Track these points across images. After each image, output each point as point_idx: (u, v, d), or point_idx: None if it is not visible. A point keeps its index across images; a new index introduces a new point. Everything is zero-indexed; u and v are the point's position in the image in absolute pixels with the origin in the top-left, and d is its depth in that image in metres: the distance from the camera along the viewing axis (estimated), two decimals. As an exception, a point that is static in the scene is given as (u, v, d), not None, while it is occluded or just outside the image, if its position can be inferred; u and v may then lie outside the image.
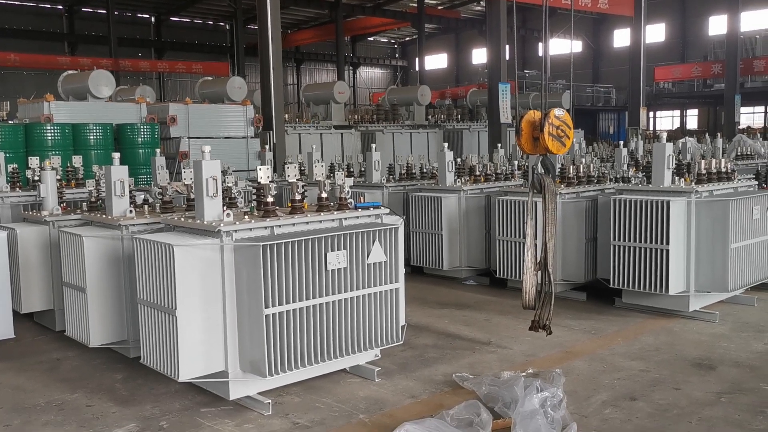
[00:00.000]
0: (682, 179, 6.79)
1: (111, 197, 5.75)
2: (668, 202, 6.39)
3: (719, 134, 14.17)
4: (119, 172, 5.74)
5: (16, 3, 34.18)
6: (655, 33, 38.67)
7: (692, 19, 39.45)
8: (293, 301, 4.63)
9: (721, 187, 6.86)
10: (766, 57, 31.36)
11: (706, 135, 16.33)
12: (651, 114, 37.67)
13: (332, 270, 4.82)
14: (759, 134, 20.20)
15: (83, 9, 35.89)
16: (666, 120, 42.65)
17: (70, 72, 14.41)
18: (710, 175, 6.86)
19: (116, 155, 5.86)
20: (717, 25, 36.59)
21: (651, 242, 6.52)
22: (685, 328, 6.48)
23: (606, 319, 6.87)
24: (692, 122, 41.95)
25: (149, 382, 5.28)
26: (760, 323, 6.55)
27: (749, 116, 37.55)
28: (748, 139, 15.02)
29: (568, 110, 5.50)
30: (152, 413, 4.76)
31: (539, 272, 5.50)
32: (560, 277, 7.54)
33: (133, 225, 5.57)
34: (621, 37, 40.25)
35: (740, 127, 26.30)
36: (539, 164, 5.53)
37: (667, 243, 6.42)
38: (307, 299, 4.70)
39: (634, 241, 6.64)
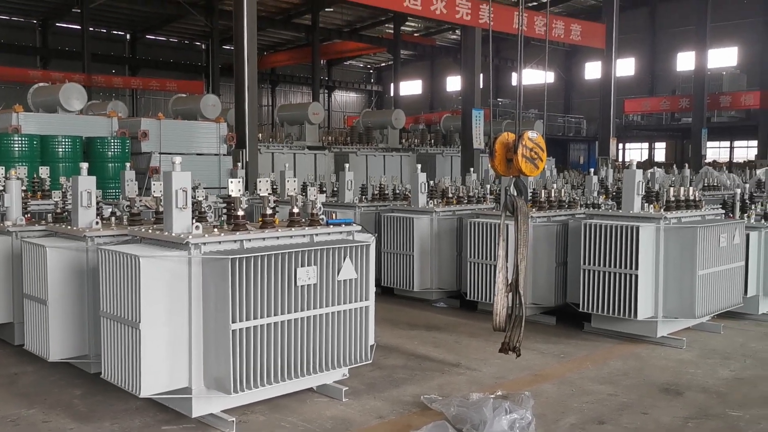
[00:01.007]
0: (652, 206, 6.86)
1: (77, 208, 5.62)
2: (638, 228, 6.45)
3: (687, 165, 14.44)
4: (86, 183, 5.62)
5: (-12, 16, 33.83)
6: (626, 67, 39.52)
7: (661, 55, 40.43)
8: (261, 317, 4.54)
9: (689, 215, 6.95)
10: (732, 93, 32.19)
11: (674, 166, 16.63)
12: (620, 145, 38.31)
13: (302, 286, 4.75)
14: (725, 168, 20.62)
15: (57, 24, 35.58)
16: (635, 152, 43.43)
17: (41, 84, 14.23)
18: (679, 203, 6.95)
19: (84, 165, 5.75)
20: (685, 61, 37.53)
21: (620, 267, 6.56)
22: (653, 353, 6.50)
23: (575, 343, 6.88)
24: (660, 155, 42.79)
25: (109, 399, 5.12)
26: (726, 350, 6.61)
27: (715, 150, 38.42)
28: (714, 171, 15.34)
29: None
30: (111, 430, 4.61)
31: (510, 294, 5.51)
32: (530, 301, 7.55)
33: (99, 237, 5.45)
34: (592, 70, 41.05)
35: (707, 160, 26.86)
36: (512, 186, 5.56)
37: (636, 268, 6.47)
38: (275, 315, 4.62)
39: (604, 265, 6.68)
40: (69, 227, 5.69)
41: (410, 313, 8.21)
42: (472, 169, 11.87)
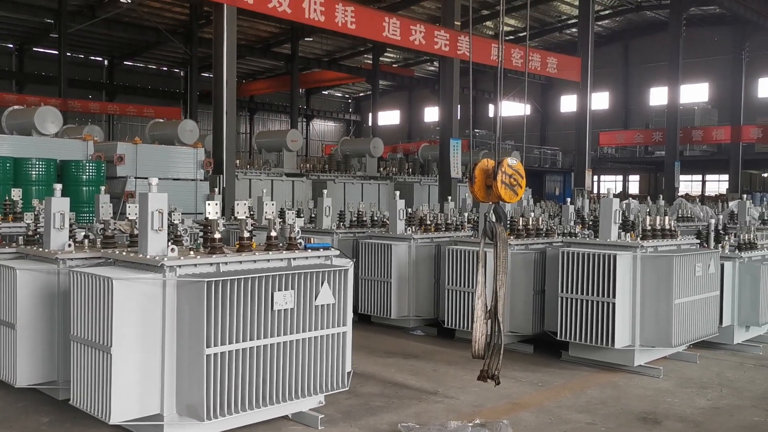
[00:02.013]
0: (628, 235, 6.91)
1: (49, 230, 5.50)
2: (615, 256, 6.48)
3: (661, 196, 14.63)
4: (59, 204, 5.51)
5: (-37, 39, 33.55)
6: (600, 101, 40.27)
7: (634, 89, 41.29)
8: (237, 341, 4.46)
9: (665, 244, 7.00)
10: (704, 127, 32.87)
11: (648, 198, 16.86)
12: (595, 177, 38.83)
13: (279, 310, 4.68)
14: (698, 200, 20.94)
15: (35, 49, 35.37)
16: (609, 184, 44.00)
17: (16, 107, 14.07)
18: (655, 232, 7.00)
19: (58, 186, 5.65)
20: (657, 96, 38.36)
21: (598, 295, 6.57)
22: (631, 382, 6.49)
23: (553, 371, 6.84)
24: (634, 187, 43.44)
25: (78, 426, 4.96)
26: (702, 379, 6.62)
27: (687, 184, 39.09)
28: (688, 202, 15.55)
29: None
30: (78, 459, 4.46)
31: (489, 321, 5.48)
32: (508, 329, 7.52)
33: (72, 259, 5.33)
34: (568, 103, 41.72)
35: (679, 193, 27.28)
36: (491, 212, 5.56)
37: (614, 296, 6.48)
38: (251, 340, 4.53)
39: (581, 293, 6.68)
40: (41, 249, 5.56)
41: (387, 341, 8.13)
42: (450, 197, 11.90)
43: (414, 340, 8.27)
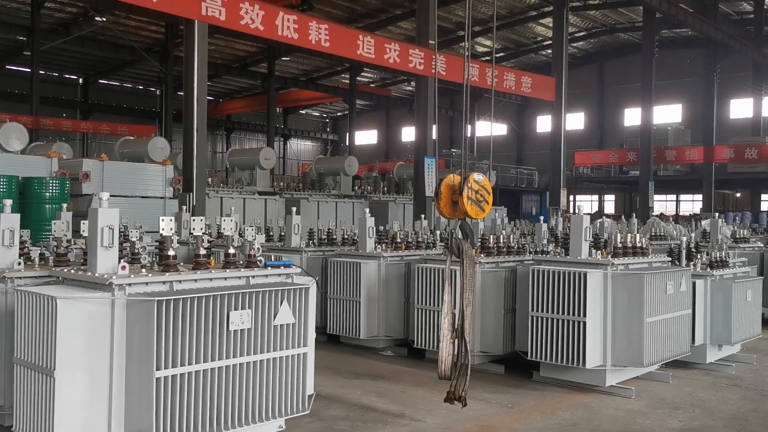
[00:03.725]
0: (599, 252, 6.81)
1: (-2, 247, 5.27)
2: (585, 274, 6.37)
3: (634, 215, 14.64)
4: (9, 220, 5.26)
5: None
6: (576, 121, 40.62)
7: (609, 110, 41.74)
8: (189, 363, 4.25)
9: (637, 261, 6.91)
10: (677, 147, 33.21)
11: (623, 217, 16.88)
12: (571, 197, 39.03)
13: (235, 330, 4.48)
14: (672, 220, 21.03)
15: (7, 66, 34.88)
16: (585, 204, 44.25)
17: (-20, 123, 13.71)
18: (626, 249, 6.91)
19: (8, 201, 5.39)
20: (632, 116, 38.76)
21: (568, 314, 6.45)
22: (602, 403, 6.35)
23: (524, 392, 6.69)
24: (609, 207, 43.73)
25: (21, 454, 4.69)
26: (675, 400, 6.50)
27: (662, 204, 39.42)
28: (661, 221, 15.59)
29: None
30: (19, 490, 4.20)
31: (456, 341, 5.32)
32: (478, 349, 7.36)
33: (20, 278, 5.08)
34: (543, 123, 42.04)
35: (654, 213, 27.44)
36: (458, 229, 5.43)
37: (584, 315, 6.37)
38: (204, 361, 4.32)
39: (552, 312, 6.56)
40: (-12, 268, 5.31)
41: (356, 362, 7.93)
42: (423, 216, 11.77)
43: (383, 361, 8.08)
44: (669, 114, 37.55)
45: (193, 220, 4.88)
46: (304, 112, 49.64)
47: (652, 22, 26.95)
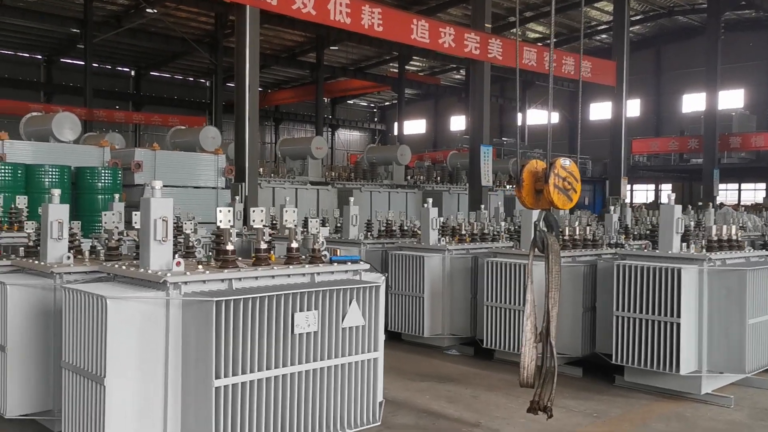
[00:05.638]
0: (692, 245, 6.16)
1: (46, 240, 4.94)
2: (679, 270, 5.74)
3: (711, 205, 13.75)
4: (58, 211, 4.94)
5: (-7, 51, 33.71)
6: (632, 108, 39.19)
7: (666, 96, 40.17)
8: (250, 371, 3.83)
9: (734, 256, 6.24)
10: (742, 134, 31.74)
11: (689, 207, 15.97)
12: (628, 186, 37.74)
13: (300, 334, 4.04)
14: (743, 209, 19.89)
15: (62, 60, 35.42)
16: (640, 193, 42.86)
17: (34, 114, 13.66)
18: (721, 243, 6.24)
19: (56, 191, 5.07)
20: (691, 102, 37.28)
21: (660, 314, 5.84)
22: (698, 413, 5.73)
23: (607, 399, 6.10)
24: (666, 196, 42.18)
25: (72, 464, 4.35)
26: (778, 410, 5.84)
27: (723, 192, 37.80)
28: (734, 210, 14.66)
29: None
30: (68, 506, 3.85)
31: (539, 345, 4.79)
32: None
33: (69, 273, 4.75)
34: (597, 111, 40.80)
35: (717, 202, 26.22)
36: (542, 220, 4.88)
37: (678, 316, 5.74)
38: (267, 369, 3.90)
39: (641, 312, 5.95)
40: (37, 262, 4.99)
41: (420, 362, 7.45)
42: (483, 206, 11.20)
43: (449, 361, 7.57)
44: (731, 99, 35.90)
45: (253, 211, 4.45)
46: (351, 102, 49.26)
47: (718, 2, 25.64)
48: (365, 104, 51.59)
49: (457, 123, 46.69)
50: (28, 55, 35.27)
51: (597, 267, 6.83)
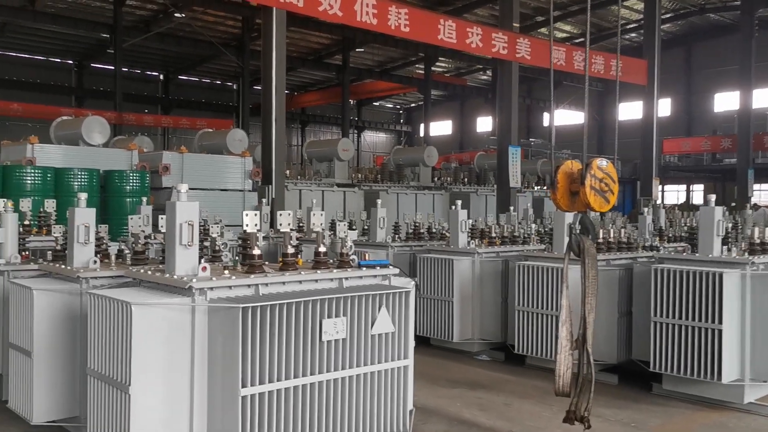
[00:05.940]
0: (732, 249, 5.93)
1: (73, 244, 4.89)
2: (721, 274, 5.52)
3: (748, 205, 13.39)
4: (84, 215, 4.90)
5: (26, 56, 34.21)
6: (662, 107, 38.51)
7: (697, 96, 39.44)
8: (278, 380, 3.72)
9: (777, 260, 5.99)
10: (778, 133, 31.04)
11: (724, 208, 15.59)
12: (659, 187, 37.12)
13: (328, 341, 3.92)
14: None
15: (93, 65, 35.91)
16: (671, 194, 42.14)
17: (64, 118, 13.79)
18: (764, 246, 6.00)
19: (82, 195, 5.02)
20: (723, 101, 36.58)
21: (700, 320, 5.62)
22: (741, 423, 5.50)
23: (645, 408, 5.89)
24: (698, 197, 41.36)
25: (97, 472, 4.28)
26: (826, 420, 5.58)
27: (756, 193, 36.99)
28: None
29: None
30: None
31: (575, 352, 4.62)
32: (589, 357, 6.59)
33: (95, 278, 4.69)
34: (625, 111, 40.19)
35: (750, 203, 25.65)
36: (578, 223, 4.71)
37: (720, 322, 5.52)
38: (295, 377, 3.79)
39: (680, 318, 5.74)
40: (63, 267, 4.95)
41: (449, 368, 7.30)
42: (512, 208, 11.02)
43: (479, 367, 7.41)
44: (765, 98, 35.11)
45: (280, 214, 4.34)
46: (377, 103, 49.22)
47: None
48: (391, 106, 51.52)
49: (484, 124, 46.39)
50: (59, 60, 35.83)
51: (633, 271, 6.62)
